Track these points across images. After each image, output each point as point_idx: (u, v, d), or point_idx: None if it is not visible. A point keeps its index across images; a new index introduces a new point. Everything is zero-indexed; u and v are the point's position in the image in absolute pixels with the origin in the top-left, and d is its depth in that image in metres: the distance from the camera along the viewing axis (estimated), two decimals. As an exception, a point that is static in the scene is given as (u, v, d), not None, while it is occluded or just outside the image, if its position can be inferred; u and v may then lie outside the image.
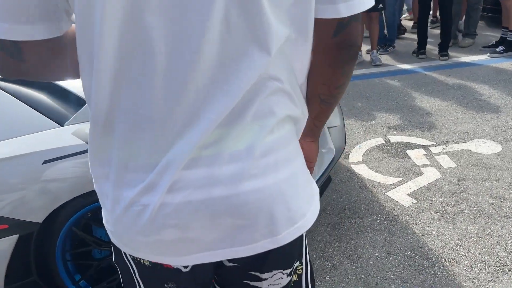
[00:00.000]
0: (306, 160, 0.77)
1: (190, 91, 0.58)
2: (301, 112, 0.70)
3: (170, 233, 0.64)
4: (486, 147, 2.68)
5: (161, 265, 0.71)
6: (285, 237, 0.67)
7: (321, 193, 1.87)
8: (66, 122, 1.46)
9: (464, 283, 1.73)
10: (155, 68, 0.57)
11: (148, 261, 0.71)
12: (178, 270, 0.72)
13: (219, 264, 0.74)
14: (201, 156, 0.61)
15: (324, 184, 1.87)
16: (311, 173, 0.86)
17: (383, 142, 2.87)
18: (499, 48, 4.30)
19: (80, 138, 1.40)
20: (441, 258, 1.86)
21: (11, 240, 1.38)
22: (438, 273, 1.79)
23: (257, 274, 0.72)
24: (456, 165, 2.52)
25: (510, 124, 2.93)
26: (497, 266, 1.79)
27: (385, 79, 4.07)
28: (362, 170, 2.54)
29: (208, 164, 0.61)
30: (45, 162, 1.35)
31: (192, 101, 0.59)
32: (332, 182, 2.30)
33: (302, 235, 0.73)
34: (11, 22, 0.56)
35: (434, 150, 2.71)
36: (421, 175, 2.46)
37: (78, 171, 1.39)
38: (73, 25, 0.61)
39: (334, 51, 0.66)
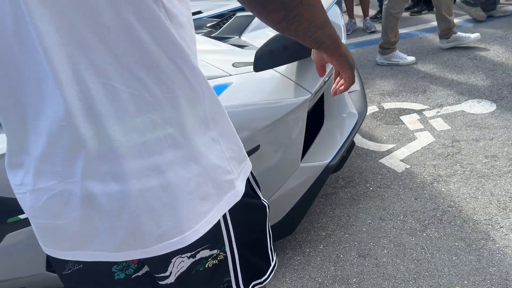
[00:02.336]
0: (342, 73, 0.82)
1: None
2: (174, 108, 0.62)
3: (44, 220, 0.67)
4: (481, 106, 2.65)
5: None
6: (153, 251, 0.65)
7: (345, 160, 1.86)
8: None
9: (456, 243, 1.75)
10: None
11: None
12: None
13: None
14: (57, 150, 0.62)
15: (348, 150, 1.83)
16: (349, 84, 0.86)
17: (377, 109, 2.85)
18: None
19: None
20: (434, 221, 1.88)
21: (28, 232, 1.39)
22: (430, 235, 1.81)
23: (162, 274, 0.71)
24: (450, 127, 2.50)
25: (505, 81, 2.89)
26: (489, 224, 1.81)
27: (379, 46, 4.00)
28: (356, 139, 2.55)
29: (75, 160, 0.62)
30: None
31: None
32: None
33: (218, 228, 0.70)
34: None
35: (428, 114, 2.69)
36: (414, 140, 2.46)
37: None
38: None
39: None
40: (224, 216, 0.71)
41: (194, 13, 2.27)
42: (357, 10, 4.81)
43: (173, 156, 0.62)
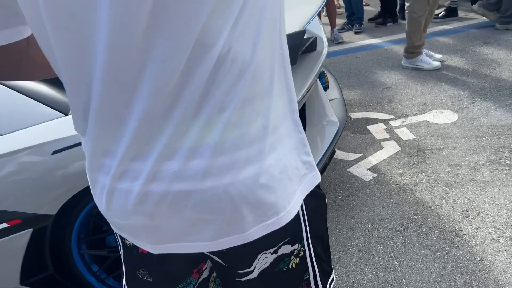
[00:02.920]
0: None
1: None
2: (281, 95, 0.64)
3: (138, 219, 0.65)
4: (444, 117, 2.75)
5: (137, 249, 0.73)
6: (252, 234, 0.66)
7: (326, 167, 1.86)
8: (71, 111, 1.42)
9: (422, 251, 1.78)
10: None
11: (130, 242, 0.73)
12: (150, 257, 0.73)
13: (204, 259, 0.75)
14: (166, 149, 0.60)
15: (329, 157, 1.85)
16: None
17: (345, 119, 2.90)
18: (441, 13, 4.55)
19: None
20: (401, 229, 1.91)
21: (25, 235, 1.38)
22: (398, 243, 1.84)
23: (246, 270, 0.71)
24: (415, 137, 2.57)
25: (466, 93, 3.01)
26: (453, 231, 1.86)
27: (347, 56, 4.09)
28: (325, 149, 2.57)
29: (170, 158, 0.60)
30: (54, 152, 1.34)
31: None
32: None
33: (295, 220, 0.70)
34: None
35: (393, 123, 2.76)
36: (381, 149, 2.51)
37: None
38: None
39: None
40: (301, 204, 0.70)
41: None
42: (325, 20, 4.91)
43: (270, 141, 0.63)
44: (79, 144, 1.34)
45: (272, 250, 0.69)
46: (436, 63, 3.44)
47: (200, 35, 0.53)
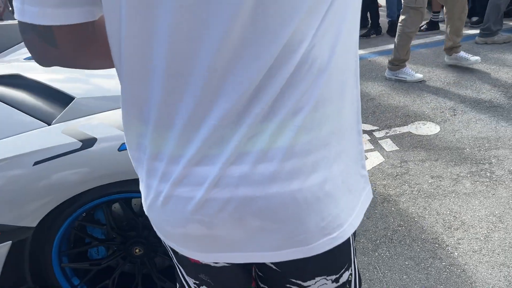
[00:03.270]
0: None
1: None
2: (350, 98, 0.62)
3: (195, 228, 0.62)
4: (426, 128, 2.80)
5: (188, 259, 0.71)
6: (316, 248, 0.62)
7: None
8: (54, 121, 1.39)
9: (406, 262, 1.80)
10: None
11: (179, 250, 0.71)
12: (207, 265, 0.71)
13: (260, 263, 0.72)
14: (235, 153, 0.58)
15: None
16: None
17: (330, 129, 2.92)
18: (423, 27, 4.69)
19: (71, 136, 1.33)
20: (385, 240, 1.93)
21: (3, 248, 1.33)
22: (382, 254, 1.85)
23: (299, 282, 0.68)
24: (398, 148, 2.61)
25: (447, 105, 3.08)
26: (435, 243, 1.88)
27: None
28: (310, 159, 2.58)
29: (238, 162, 0.57)
30: (36, 163, 1.30)
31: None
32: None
33: (348, 241, 0.67)
34: (41, 5, 0.53)
35: (377, 134, 2.79)
36: (365, 159, 2.53)
37: (71, 171, 1.33)
38: None
39: None
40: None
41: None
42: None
43: (336, 149, 0.61)
44: (62, 154, 1.32)
45: (333, 277, 0.67)
46: (419, 76, 3.52)
47: (292, 35, 0.52)
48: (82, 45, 0.60)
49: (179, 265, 0.77)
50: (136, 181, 1.35)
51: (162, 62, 0.54)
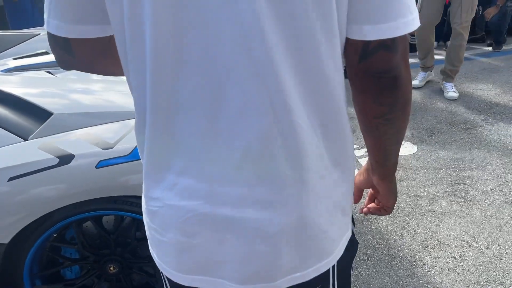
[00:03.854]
0: (381, 202, 0.80)
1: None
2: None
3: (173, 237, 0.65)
4: (404, 148, 2.86)
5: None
6: (280, 285, 0.64)
7: None
8: (31, 136, 1.36)
9: (385, 280, 1.81)
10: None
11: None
12: None
13: None
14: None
15: None
16: (386, 213, 0.82)
17: (311, 148, 2.95)
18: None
19: (47, 152, 1.31)
20: (364, 258, 1.94)
21: None
22: (362, 272, 1.86)
23: None
24: (377, 167, 2.65)
25: (424, 125, 3.16)
26: (413, 261, 1.90)
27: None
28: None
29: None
30: (11, 179, 1.27)
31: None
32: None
33: (327, 273, 0.68)
34: (61, 20, 0.61)
35: (357, 153, 2.84)
36: (345, 178, 2.56)
37: (47, 187, 1.31)
38: None
39: (362, 77, 0.60)
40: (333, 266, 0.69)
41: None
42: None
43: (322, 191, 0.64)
44: (39, 170, 1.29)
45: None
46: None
47: None
48: (97, 55, 0.67)
49: None
50: (109, 199, 1.35)
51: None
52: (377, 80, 0.60)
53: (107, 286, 1.52)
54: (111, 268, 1.44)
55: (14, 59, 1.95)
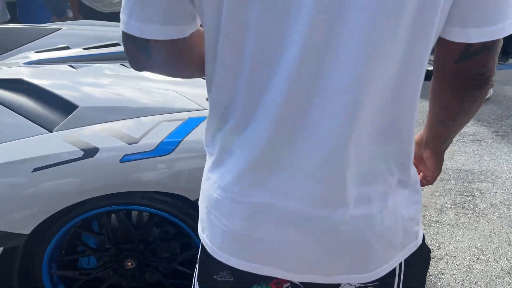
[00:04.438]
0: (424, 173, 0.82)
1: None
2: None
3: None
4: (413, 157, 2.87)
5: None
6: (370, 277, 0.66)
7: None
8: (55, 128, 1.37)
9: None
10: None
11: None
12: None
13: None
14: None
15: None
16: (427, 183, 0.87)
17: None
18: None
19: (72, 144, 1.32)
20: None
21: None
22: (368, 280, 1.88)
23: None
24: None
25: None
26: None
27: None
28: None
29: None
30: (35, 170, 1.28)
31: None
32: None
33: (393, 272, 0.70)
34: (145, 22, 0.62)
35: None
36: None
37: (70, 179, 1.32)
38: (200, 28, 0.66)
39: (455, 77, 0.62)
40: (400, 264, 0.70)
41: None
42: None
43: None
44: (63, 162, 1.31)
45: None
46: None
47: None
48: (173, 57, 0.69)
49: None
50: (136, 194, 1.37)
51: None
52: (471, 80, 0.62)
53: (117, 280, 1.54)
54: (129, 263, 1.46)
55: (36, 52, 1.96)
